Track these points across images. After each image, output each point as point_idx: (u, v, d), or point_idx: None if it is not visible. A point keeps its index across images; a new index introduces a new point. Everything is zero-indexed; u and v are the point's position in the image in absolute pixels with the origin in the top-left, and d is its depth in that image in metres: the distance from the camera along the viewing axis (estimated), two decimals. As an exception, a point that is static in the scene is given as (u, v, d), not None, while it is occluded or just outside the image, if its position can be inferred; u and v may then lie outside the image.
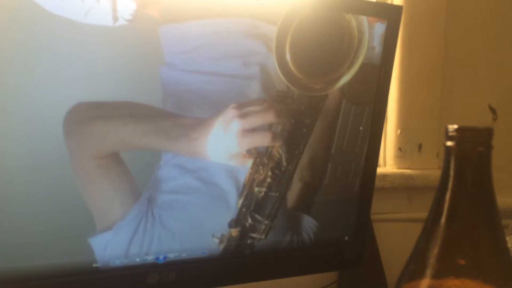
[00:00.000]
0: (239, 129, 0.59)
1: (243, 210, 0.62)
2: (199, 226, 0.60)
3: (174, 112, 0.56)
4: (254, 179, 0.62)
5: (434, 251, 0.36)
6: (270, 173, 0.63)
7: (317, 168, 0.67)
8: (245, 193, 0.62)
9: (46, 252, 0.53)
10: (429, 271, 0.37)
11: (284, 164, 0.63)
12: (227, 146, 0.59)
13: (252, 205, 0.63)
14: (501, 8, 0.98)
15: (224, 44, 0.58)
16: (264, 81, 0.60)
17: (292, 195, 0.66)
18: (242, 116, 0.59)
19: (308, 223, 0.68)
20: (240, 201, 0.62)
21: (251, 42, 0.59)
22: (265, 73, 0.60)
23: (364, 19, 0.64)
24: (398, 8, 0.68)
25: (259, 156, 0.61)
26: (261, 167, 0.62)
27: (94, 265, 0.56)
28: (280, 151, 0.63)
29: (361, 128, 0.69)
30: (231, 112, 0.58)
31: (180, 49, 0.56)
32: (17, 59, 0.49)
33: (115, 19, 0.53)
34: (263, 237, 0.64)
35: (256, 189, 0.62)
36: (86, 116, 0.52)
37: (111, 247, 0.56)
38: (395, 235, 0.91)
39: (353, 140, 0.69)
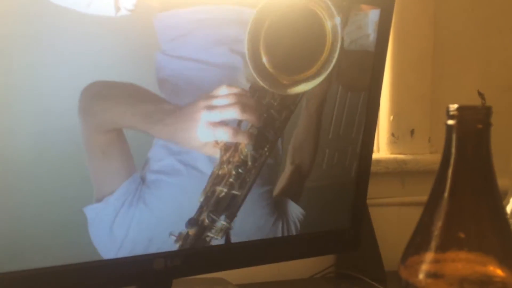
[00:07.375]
0: (206, 120, 0.60)
1: (203, 208, 0.62)
2: (178, 207, 0.61)
3: (163, 97, 0.58)
4: (218, 175, 0.62)
5: (438, 224, 0.38)
6: (234, 172, 0.62)
7: (307, 151, 0.68)
8: (206, 190, 0.62)
9: (52, 239, 0.55)
10: (433, 244, 0.38)
11: (250, 162, 0.63)
12: (196, 135, 0.60)
13: (211, 204, 0.62)
14: (488, -5, 1.00)
15: (209, 31, 0.59)
16: (247, 72, 0.61)
17: (283, 179, 0.67)
18: (210, 108, 0.60)
19: (297, 213, 0.69)
20: (202, 199, 0.62)
21: (235, 29, 0.60)
22: (247, 64, 0.61)
23: (338, 23, 0.64)
24: (392, -4, 0.70)
25: (226, 152, 0.61)
26: (225, 165, 0.62)
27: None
28: (246, 149, 0.62)
29: (357, 113, 0.71)
30: (200, 103, 0.60)
31: (169, 37, 0.57)
32: (23, 47, 0.50)
33: (117, 9, 0.54)
34: (219, 237, 0.63)
35: (218, 188, 0.62)
36: (93, 93, 0.54)
37: (99, 219, 0.57)
38: (390, 218, 0.93)
39: (349, 126, 0.71)
